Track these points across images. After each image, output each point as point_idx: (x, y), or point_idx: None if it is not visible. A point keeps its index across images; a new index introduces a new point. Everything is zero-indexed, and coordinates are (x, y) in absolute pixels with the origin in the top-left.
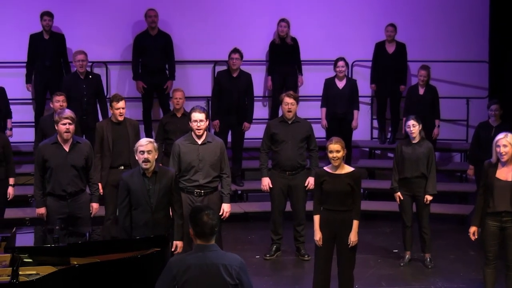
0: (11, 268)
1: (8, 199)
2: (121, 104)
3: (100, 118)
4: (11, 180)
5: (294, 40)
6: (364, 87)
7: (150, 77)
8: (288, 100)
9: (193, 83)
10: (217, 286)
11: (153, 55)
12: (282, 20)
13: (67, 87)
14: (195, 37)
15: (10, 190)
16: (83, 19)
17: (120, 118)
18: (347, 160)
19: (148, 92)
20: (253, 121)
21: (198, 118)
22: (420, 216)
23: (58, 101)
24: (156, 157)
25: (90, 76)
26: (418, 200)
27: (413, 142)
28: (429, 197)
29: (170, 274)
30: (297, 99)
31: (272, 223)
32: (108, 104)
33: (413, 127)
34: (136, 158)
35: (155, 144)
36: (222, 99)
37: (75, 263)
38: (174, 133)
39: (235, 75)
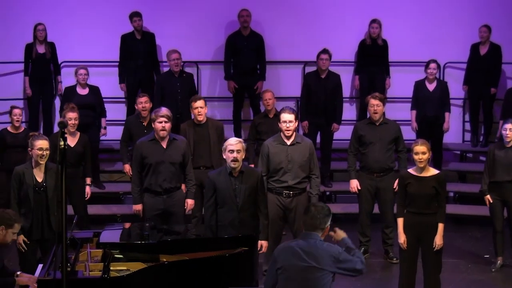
0: (102, 263)
1: (86, 198)
2: (199, 103)
3: None
4: (88, 180)
5: (384, 41)
6: (457, 89)
7: (241, 77)
8: (373, 101)
9: (283, 84)
10: (305, 269)
11: (244, 55)
12: (374, 21)
13: (161, 85)
14: (286, 38)
15: (88, 189)
16: (175, 19)
17: (199, 118)
18: (438, 163)
19: (239, 92)
20: (342, 122)
21: (288, 119)
22: None
23: (141, 103)
24: (243, 157)
25: (184, 75)
26: (510, 206)
27: (507, 146)
28: None
29: (273, 258)
30: (383, 101)
31: (360, 225)
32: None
33: (510, 131)
34: (224, 157)
35: (243, 144)
36: (310, 100)
37: (164, 260)
38: (266, 133)
39: (323, 76)
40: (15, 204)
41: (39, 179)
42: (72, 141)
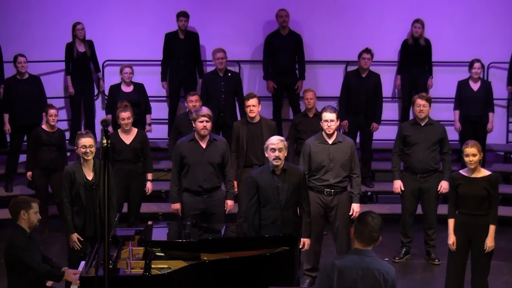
0: (144, 261)
1: (147, 194)
2: (252, 101)
3: (239, 117)
4: (149, 176)
5: (427, 41)
6: (501, 90)
7: (280, 77)
8: (420, 101)
9: (325, 83)
10: None
11: (283, 55)
12: (417, 20)
13: (206, 84)
14: (327, 37)
15: (149, 185)
16: (217, 19)
17: (251, 115)
18: (481, 164)
19: (278, 91)
20: (383, 122)
21: (329, 118)
22: None
23: (192, 101)
24: (285, 155)
25: (229, 74)
26: None
27: None
28: None
29: (327, 278)
30: (429, 101)
31: (402, 225)
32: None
33: None
34: (266, 155)
35: (285, 142)
36: (350, 99)
37: (205, 258)
38: (306, 132)
39: (364, 75)
40: (67, 203)
41: (89, 177)
42: (127, 139)
